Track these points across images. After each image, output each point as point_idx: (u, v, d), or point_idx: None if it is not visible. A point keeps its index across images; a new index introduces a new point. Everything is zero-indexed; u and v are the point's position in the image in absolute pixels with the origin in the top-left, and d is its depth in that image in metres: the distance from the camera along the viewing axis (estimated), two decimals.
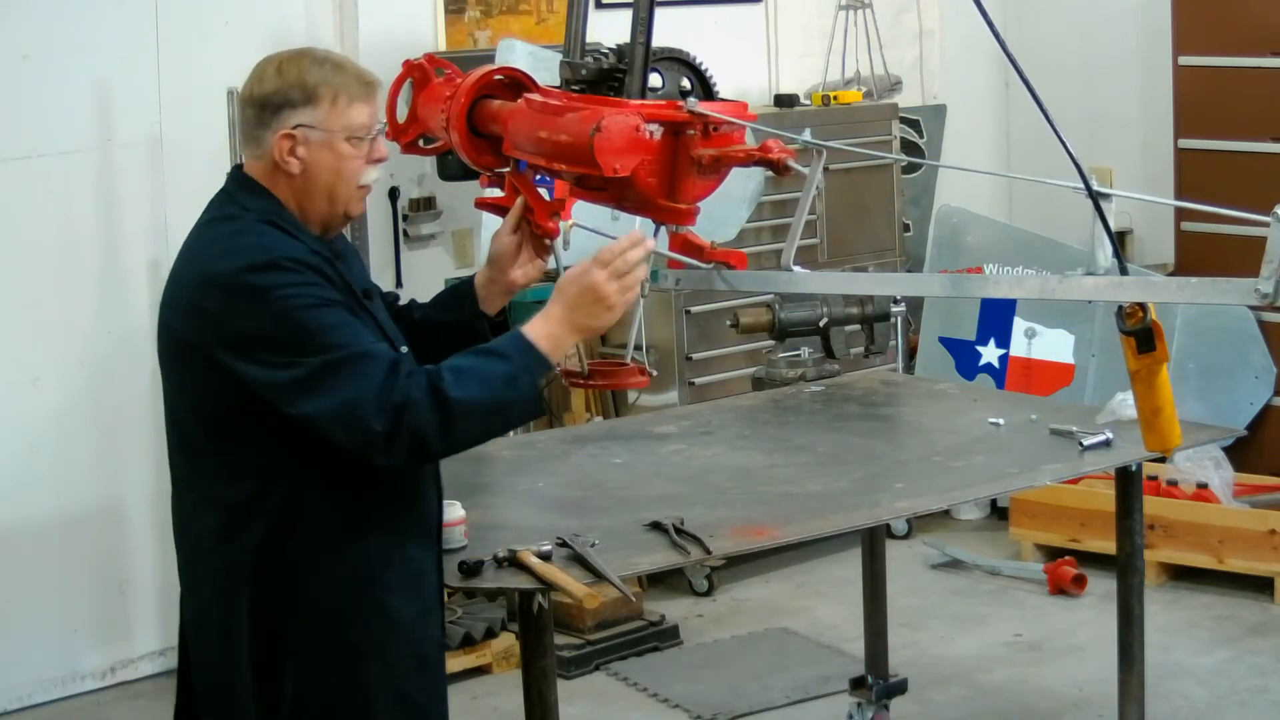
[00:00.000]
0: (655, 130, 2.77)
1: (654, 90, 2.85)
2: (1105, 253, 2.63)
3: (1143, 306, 2.69)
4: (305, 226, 2.77)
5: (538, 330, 2.76)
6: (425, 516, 2.89)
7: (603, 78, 2.86)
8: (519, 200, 2.98)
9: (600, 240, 2.85)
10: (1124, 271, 2.63)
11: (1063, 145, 2.58)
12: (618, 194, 2.84)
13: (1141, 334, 2.71)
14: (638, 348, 3.03)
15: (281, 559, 2.73)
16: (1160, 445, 2.88)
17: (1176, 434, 2.84)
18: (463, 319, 3.00)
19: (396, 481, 2.80)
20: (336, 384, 2.62)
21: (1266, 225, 2.40)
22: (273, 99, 2.73)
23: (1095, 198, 2.59)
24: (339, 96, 2.73)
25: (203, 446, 2.77)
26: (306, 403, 2.63)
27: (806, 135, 2.89)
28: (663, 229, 2.95)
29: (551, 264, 3.04)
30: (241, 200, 2.78)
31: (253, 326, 2.64)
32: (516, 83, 3.02)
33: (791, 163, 2.79)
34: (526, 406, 2.74)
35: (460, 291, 3.06)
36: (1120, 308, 2.70)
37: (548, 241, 2.99)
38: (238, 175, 2.83)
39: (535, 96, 2.91)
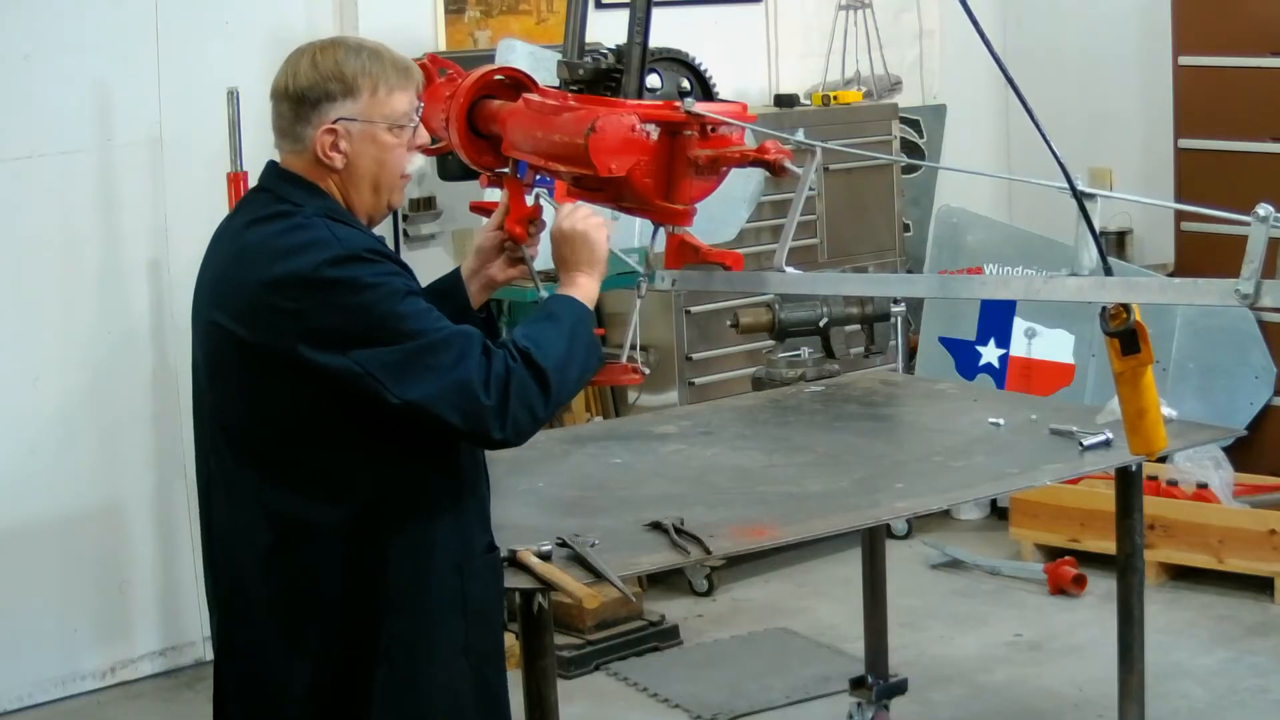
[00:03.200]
0: (652, 131, 2.77)
1: (653, 91, 2.85)
2: (1090, 253, 2.62)
3: (1126, 308, 2.68)
4: (355, 219, 2.73)
5: (568, 288, 2.83)
6: (484, 505, 2.87)
7: (600, 78, 2.86)
8: (504, 196, 2.98)
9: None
10: (1108, 272, 2.62)
11: (1046, 144, 2.57)
12: (615, 194, 2.84)
13: (1125, 335, 2.70)
14: (634, 347, 3.03)
15: (366, 563, 2.67)
16: (1145, 448, 2.86)
17: (1161, 437, 2.82)
18: (455, 309, 2.98)
19: (461, 473, 2.78)
20: (439, 366, 2.58)
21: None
22: (310, 93, 2.66)
23: (1079, 198, 2.59)
24: (379, 86, 2.68)
25: (269, 455, 2.67)
26: (411, 388, 2.57)
27: (800, 135, 2.89)
28: (660, 229, 2.95)
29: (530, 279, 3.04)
30: (290, 195, 2.69)
31: (341, 320, 2.57)
32: (517, 83, 3.02)
33: (788, 164, 2.79)
34: (594, 353, 2.80)
35: (449, 281, 3.03)
36: (1104, 309, 2.69)
37: (510, 248, 2.97)
38: (278, 171, 2.74)
39: (534, 96, 2.91)
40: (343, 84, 2.67)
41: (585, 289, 2.84)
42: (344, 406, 2.62)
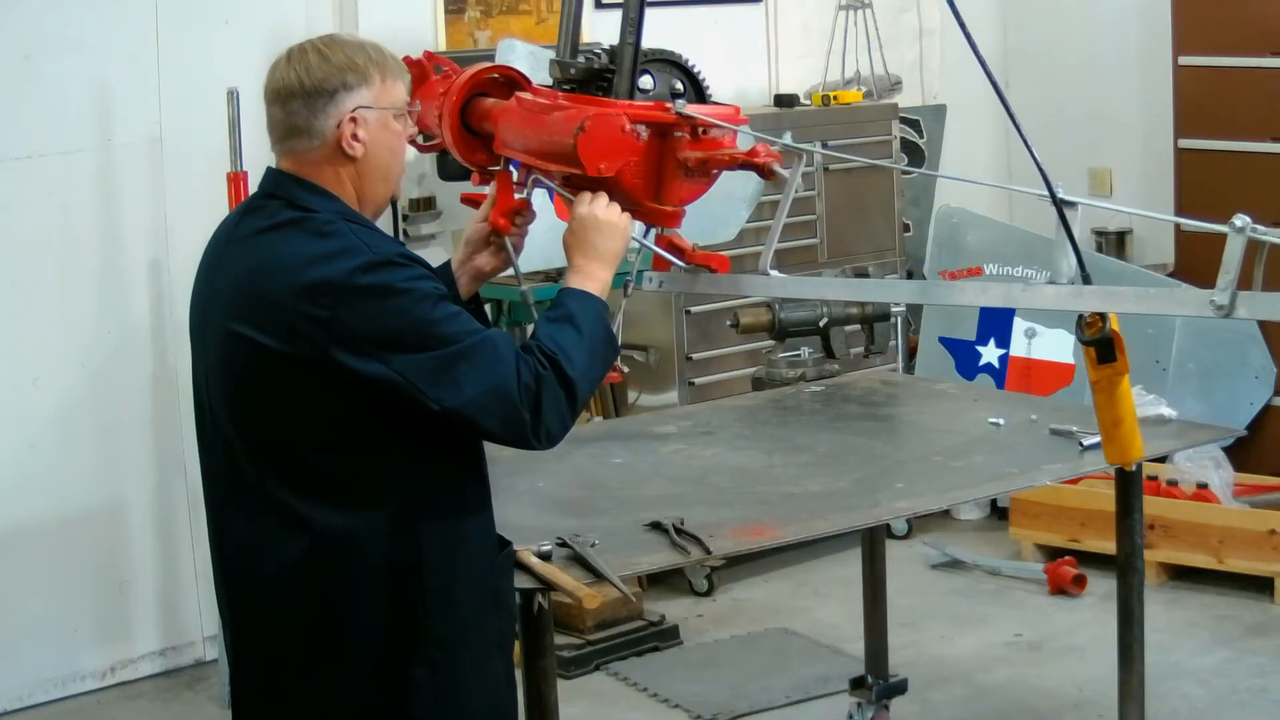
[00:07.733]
0: (642, 131, 2.76)
1: (645, 92, 2.85)
2: (1069, 261, 2.62)
3: (1102, 316, 2.67)
4: (369, 219, 2.71)
5: (581, 281, 2.79)
6: (491, 500, 2.87)
7: (592, 78, 2.86)
8: (492, 188, 2.98)
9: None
10: (1086, 280, 2.61)
11: (1027, 149, 2.58)
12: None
13: (1101, 344, 2.69)
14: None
15: (403, 565, 2.66)
16: (1120, 458, 2.85)
17: (1137, 446, 2.81)
18: None
19: (479, 469, 2.79)
20: (475, 372, 2.58)
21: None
22: (326, 85, 2.65)
23: (1059, 205, 2.59)
24: (386, 75, 2.70)
25: (303, 465, 2.64)
26: (450, 395, 2.57)
27: (787, 138, 2.89)
28: (652, 230, 2.96)
29: (510, 270, 3.02)
30: (303, 200, 2.66)
31: (377, 326, 2.55)
32: (511, 81, 3.02)
33: (777, 167, 2.78)
34: (610, 348, 2.79)
35: (439, 273, 3.03)
36: (1080, 317, 2.69)
37: (493, 240, 2.96)
38: (284, 176, 2.71)
39: (526, 95, 2.91)
40: (357, 73, 2.67)
41: (600, 281, 2.80)
42: (380, 412, 2.60)
